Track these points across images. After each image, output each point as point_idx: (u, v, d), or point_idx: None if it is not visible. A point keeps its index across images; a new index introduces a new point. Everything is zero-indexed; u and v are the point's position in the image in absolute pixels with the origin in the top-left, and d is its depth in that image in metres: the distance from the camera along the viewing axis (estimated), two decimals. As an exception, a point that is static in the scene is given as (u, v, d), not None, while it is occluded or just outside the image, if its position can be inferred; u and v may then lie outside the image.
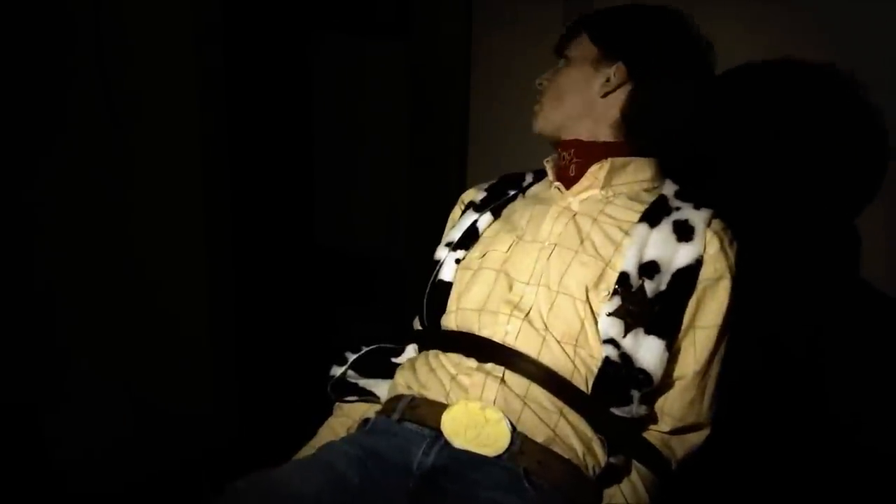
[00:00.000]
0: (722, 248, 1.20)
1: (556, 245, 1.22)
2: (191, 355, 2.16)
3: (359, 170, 3.15)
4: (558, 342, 1.16)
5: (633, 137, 1.27)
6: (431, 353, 1.24)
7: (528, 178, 1.41)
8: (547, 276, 1.19)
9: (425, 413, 1.15)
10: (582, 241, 1.21)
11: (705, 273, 1.19)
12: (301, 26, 3.11)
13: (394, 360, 1.31)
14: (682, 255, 1.18)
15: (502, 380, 1.14)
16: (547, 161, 1.34)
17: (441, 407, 1.14)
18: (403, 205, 2.23)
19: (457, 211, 1.42)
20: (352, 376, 1.33)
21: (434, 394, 1.17)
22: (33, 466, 1.97)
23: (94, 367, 2.12)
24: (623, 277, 1.16)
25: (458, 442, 1.12)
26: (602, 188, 1.26)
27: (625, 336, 1.13)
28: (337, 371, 1.34)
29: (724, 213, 1.25)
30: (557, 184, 1.29)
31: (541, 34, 1.83)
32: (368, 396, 1.32)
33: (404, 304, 1.48)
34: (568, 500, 1.10)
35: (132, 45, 1.95)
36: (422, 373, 1.21)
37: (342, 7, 3.03)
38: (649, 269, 1.17)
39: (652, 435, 1.20)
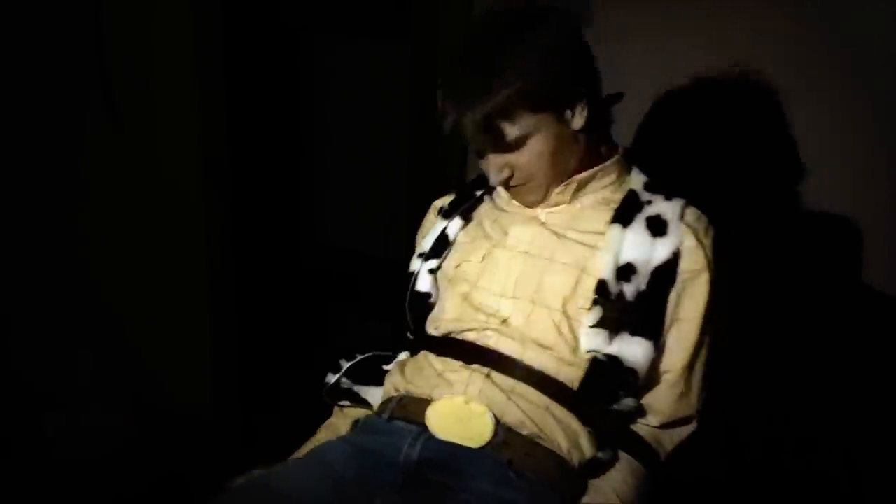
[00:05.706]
0: (698, 239, 1.17)
1: (525, 253, 1.19)
2: (191, 355, 2.16)
3: (359, 170, 3.15)
4: (539, 347, 1.15)
5: (595, 144, 1.22)
6: (421, 354, 1.24)
7: None
8: (521, 287, 1.17)
9: (412, 410, 1.16)
10: (554, 249, 1.18)
11: (684, 265, 1.16)
12: (301, 27, 3.12)
13: (385, 367, 1.31)
14: (659, 251, 1.15)
15: (487, 376, 1.14)
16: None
17: (427, 403, 1.14)
18: (403, 205, 2.23)
19: (429, 217, 1.39)
20: (345, 383, 1.33)
21: (420, 390, 1.17)
22: (33, 466, 1.97)
23: (95, 367, 2.13)
24: (601, 286, 1.13)
25: (443, 435, 1.12)
26: (569, 202, 1.22)
27: (610, 343, 1.12)
28: (331, 378, 1.34)
29: (696, 200, 1.21)
30: (516, 203, 1.24)
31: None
32: (362, 404, 1.32)
33: (403, 304, 1.48)
34: (553, 489, 1.10)
35: (132, 45, 1.96)
36: (409, 372, 1.22)
37: (343, 9, 3.04)
38: (626, 271, 1.14)
39: (641, 428, 1.19)
